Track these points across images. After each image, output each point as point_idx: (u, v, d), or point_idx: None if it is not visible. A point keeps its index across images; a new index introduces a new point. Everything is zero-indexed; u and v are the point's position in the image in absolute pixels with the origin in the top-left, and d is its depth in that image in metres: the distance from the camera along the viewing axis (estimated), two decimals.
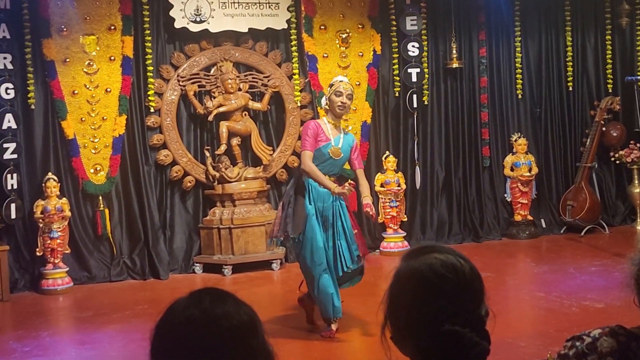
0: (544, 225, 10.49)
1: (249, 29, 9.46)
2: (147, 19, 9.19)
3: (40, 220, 8.60)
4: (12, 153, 8.51)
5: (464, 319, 1.79)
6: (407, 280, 1.87)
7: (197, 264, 9.24)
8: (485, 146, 10.39)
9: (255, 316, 1.78)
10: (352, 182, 6.36)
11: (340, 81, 6.54)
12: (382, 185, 9.75)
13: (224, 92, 9.35)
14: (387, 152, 9.94)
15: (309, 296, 6.48)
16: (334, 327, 6.35)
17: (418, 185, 10.06)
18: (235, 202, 9.17)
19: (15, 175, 8.56)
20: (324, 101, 6.60)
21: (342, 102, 6.41)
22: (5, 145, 8.44)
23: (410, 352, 1.86)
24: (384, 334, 1.91)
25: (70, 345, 6.83)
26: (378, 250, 9.79)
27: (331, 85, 6.54)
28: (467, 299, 1.83)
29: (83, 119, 8.99)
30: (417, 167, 10.06)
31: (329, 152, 6.36)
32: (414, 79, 9.91)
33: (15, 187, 8.55)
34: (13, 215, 8.50)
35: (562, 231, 10.39)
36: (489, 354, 1.81)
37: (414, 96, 9.93)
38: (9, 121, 8.50)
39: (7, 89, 8.49)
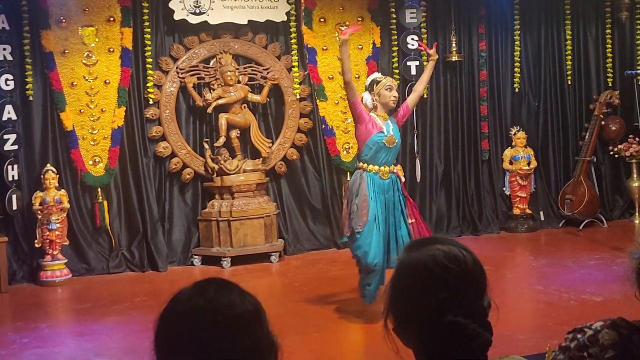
0: (542, 219, 10.49)
1: (249, 21, 9.44)
2: (146, 11, 9.17)
3: (39, 212, 8.60)
4: (12, 144, 8.51)
5: (466, 310, 1.79)
6: (410, 272, 1.87)
7: (196, 256, 9.24)
8: (484, 140, 10.38)
9: (260, 306, 1.78)
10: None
11: (385, 77, 6.82)
12: None
13: (223, 84, 9.33)
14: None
15: None
16: None
17: (418, 178, 10.05)
18: (234, 195, 9.17)
19: (15, 166, 8.57)
20: (369, 100, 6.65)
21: (394, 96, 6.67)
22: (5, 137, 8.44)
23: (412, 344, 1.87)
24: (386, 325, 1.91)
25: (69, 336, 6.84)
26: None
27: (377, 82, 6.67)
28: (469, 290, 1.83)
29: (82, 110, 8.98)
30: (417, 160, 10.06)
31: (384, 142, 6.51)
32: (414, 72, 9.89)
33: (15, 178, 8.56)
34: (14, 207, 8.51)
35: (560, 225, 10.39)
36: (491, 345, 1.81)
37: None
38: (9, 112, 8.50)
39: (6, 80, 8.48)
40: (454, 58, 10.16)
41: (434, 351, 1.80)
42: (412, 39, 9.90)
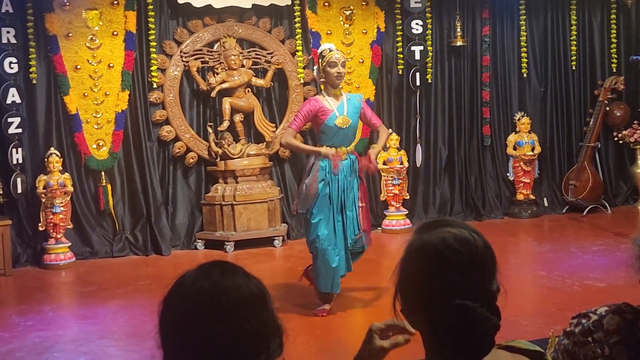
0: (546, 205, 10.48)
1: (253, 5, 9.41)
2: None
3: (43, 195, 8.61)
4: (16, 128, 8.51)
5: (475, 294, 1.78)
6: (419, 254, 1.86)
7: (199, 240, 9.25)
8: (485, 125, 10.36)
9: (265, 289, 1.78)
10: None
11: (330, 50, 6.36)
12: (384, 163, 9.72)
13: (227, 68, 9.32)
14: (390, 130, 9.91)
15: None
16: (327, 306, 6.36)
17: (419, 163, 10.04)
18: (237, 179, 9.17)
19: (20, 149, 8.58)
20: (316, 74, 6.49)
21: (338, 72, 6.28)
22: (9, 120, 8.45)
23: (419, 326, 1.87)
24: (395, 306, 1.90)
25: (73, 319, 6.86)
26: (380, 228, 9.78)
27: (322, 57, 6.35)
28: (479, 274, 1.82)
29: (86, 94, 8.97)
30: (419, 145, 10.04)
31: (335, 124, 6.26)
32: (417, 56, 9.87)
33: (20, 161, 8.57)
34: (19, 190, 8.52)
35: (564, 211, 10.39)
36: (499, 329, 1.81)
37: (417, 74, 9.90)
38: (13, 95, 8.50)
39: (10, 63, 8.47)
40: (459, 43, 10.13)
41: (442, 334, 1.80)
42: (417, 24, 9.87)
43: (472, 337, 1.78)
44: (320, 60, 6.38)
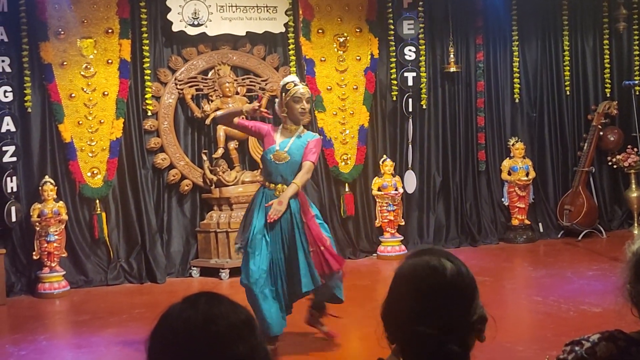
0: (541, 230, 10.48)
1: (247, 32, 9.46)
2: (144, 22, 9.18)
3: (37, 224, 8.58)
4: (11, 156, 8.51)
5: (439, 321, 1.81)
6: (396, 280, 1.94)
7: (194, 268, 9.22)
8: (481, 150, 10.38)
9: (251, 315, 1.79)
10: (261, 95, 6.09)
11: (295, 85, 5.96)
12: (379, 189, 9.74)
13: (221, 95, 9.34)
14: (385, 156, 9.92)
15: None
16: (270, 347, 6.15)
17: (411, 190, 10.00)
18: (232, 206, 9.16)
19: (14, 178, 8.56)
20: (277, 107, 6.11)
21: (302, 109, 5.93)
22: (4, 148, 8.44)
23: (401, 352, 1.89)
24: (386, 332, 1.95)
25: (67, 349, 6.83)
26: (375, 255, 9.78)
27: (285, 90, 5.94)
28: (447, 302, 1.86)
29: (80, 122, 8.98)
30: (411, 172, 10.02)
31: (270, 157, 5.94)
32: (410, 83, 9.91)
33: (14, 190, 8.55)
34: (13, 219, 8.49)
35: (559, 235, 10.39)
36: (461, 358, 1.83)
37: (410, 100, 9.93)
38: (8, 124, 8.50)
39: (5, 91, 8.48)
40: (452, 69, 10.17)
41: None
42: (410, 50, 9.93)
43: None
44: (283, 93, 5.98)
